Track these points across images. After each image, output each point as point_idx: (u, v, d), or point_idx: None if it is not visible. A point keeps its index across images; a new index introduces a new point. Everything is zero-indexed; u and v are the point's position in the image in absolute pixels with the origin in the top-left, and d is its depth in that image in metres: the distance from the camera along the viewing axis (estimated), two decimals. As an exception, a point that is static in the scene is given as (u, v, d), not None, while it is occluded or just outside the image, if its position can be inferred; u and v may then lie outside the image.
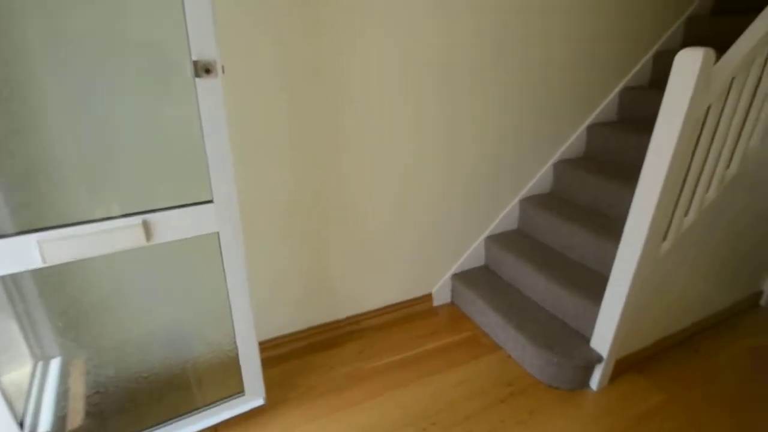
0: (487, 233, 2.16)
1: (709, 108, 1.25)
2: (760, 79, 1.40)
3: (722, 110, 1.32)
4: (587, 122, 2.18)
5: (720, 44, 2.16)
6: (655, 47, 2.21)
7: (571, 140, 2.16)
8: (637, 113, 2.15)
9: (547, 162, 2.16)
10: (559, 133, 2.12)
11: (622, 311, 1.49)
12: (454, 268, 2.14)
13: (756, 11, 2.11)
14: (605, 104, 2.18)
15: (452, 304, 2.19)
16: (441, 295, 2.16)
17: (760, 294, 2.21)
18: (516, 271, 1.99)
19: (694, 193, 1.45)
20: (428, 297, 2.13)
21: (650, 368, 1.75)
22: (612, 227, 1.82)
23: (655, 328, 1.75)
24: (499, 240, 2.12)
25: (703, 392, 1.64)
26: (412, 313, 2.10)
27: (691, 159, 1.32)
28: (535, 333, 1.70)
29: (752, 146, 1.52)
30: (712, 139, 1.35)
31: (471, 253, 2.15)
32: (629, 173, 1.97)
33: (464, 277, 2.11)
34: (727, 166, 1.51)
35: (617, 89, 2.19)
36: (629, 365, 1.74)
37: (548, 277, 1.79)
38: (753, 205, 1.71)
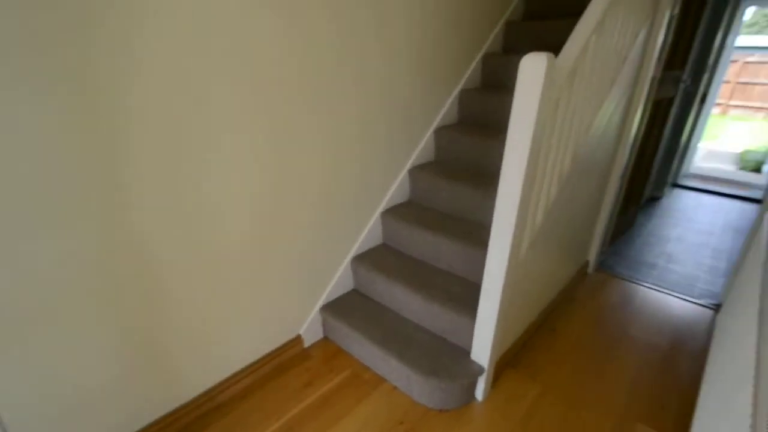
0: (352, 254, 1.97)
1: (557, 108, 1.27)
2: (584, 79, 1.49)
3: (563, 110, 1.36)
4: (433, 126, 2.16)
5: (536, 43, 2.44)
6: (482, 51, 2.31)
7: (421, 146, 2.12)
8: (474, 113, 2.22)
9: (402, 170, 2.07)
10: (409, 141, 2.04)
11: (497, 320, 1.46)
12: (322, 300, 1.90)
13: (560, 16, 2.43)
14: (447, 107, 2.19)
15: (326, 339, 1.95)
16: (312, 333, 1.90)
17: (587, 264, 2.54)
18: (387, 291, 1.85)
19: (546, 193, 1.49)
20: (298, 340, 1.84)
21: (523, 362, 1.81)
22: (473, 231, 1.82)
23: (520, 322, 1.81)
24: (365, 259, 1.95)
25: (571, 368, 1.76)
26: (282, 363, 1.78)
27: (542, 160, 1.34)
28: (418, 359, 1.58)
29: (580, 142, 1.64)
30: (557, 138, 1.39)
31: (338, 280, 1.93)
32: (477, 174, 2.01)
33: (334, 308, 1.88)
34: (564, 163, 1.60)
35: (455, 92, 2.22)
36: (504, 365, 1.76)
37: (422, 294, 1.69)
38: (579, 191, 1.90)
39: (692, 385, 1.68)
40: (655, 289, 2.36)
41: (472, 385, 1.59)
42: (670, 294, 2.32)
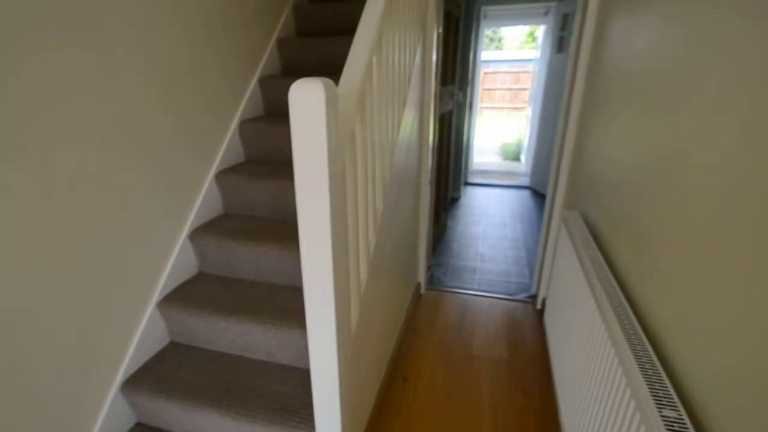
0: (156, 297, 1.36)
1: (353, 138, 0.97)
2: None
3: (361, 138, 1.07)
4: (212, 171, 1.67)
5: (313, 61, 2.19)
6: (257, 73, 1.94)
7: (199, 202, 1.61)
8: (262, 148, 1.83)
9: (179, 239, 1.52)
10: (178, 199, 1.51)
11: (341, 420, 1.10)
12: (120, 377, 1.22)
13: (330, 33, 2.27)
14: (226, 145, 1.74)
15: (139, 425, 1.25)
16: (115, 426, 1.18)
17: (419, 285, 2.45)
18: (188, 421, 1.28)
19: (364, 238, 1.20)
20: None
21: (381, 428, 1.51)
22: (288, 302, 1.41)
23: (368, 391, 1.51)
24: (178, 299, 1.39)
25: (433, 423, 1.54)
26: None
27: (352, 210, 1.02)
28: None
29: (388, 165, 1.42)
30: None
31: (141, 338, 1.27)
32: (281, 225, 1.62)
33: (142, 381, 1.22)
34: (375, 203, 1.35)
35: (234, 123, 1.79)
36: (365, 453, 1.42)
37: (234, 414, 1.20)
38: (398, 214, 1.71)
39: (547, 404, 1.67)
40: (481, 295, 2.42)
41: None
42: (494, 297, 2.40)
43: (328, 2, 2.21)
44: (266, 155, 1.84)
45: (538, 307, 2.25)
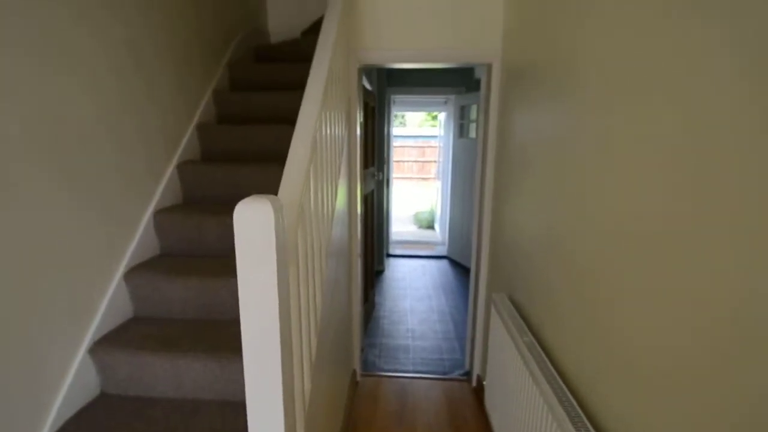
0: (86, 345, 1.10)
1: (296, 247, 0.92)
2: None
3: (304, 242, 1.04)
4: (150, 210, 1.51)
5: (244, 114, 2.19)
6: (195, 121, 1.97)
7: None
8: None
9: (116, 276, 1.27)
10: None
11: None
12: None
13: (263, 89, 2.30)
14: (165, 184, 1.62)
15: None
16: None
17: (355, 372, 2.32)
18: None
19: (307, 347, 1.11)
20: None
21: None
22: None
23: None
24: (112, 343, 1.10)
25: None
26: None
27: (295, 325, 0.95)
28: None
29: (325, 254, 1.38)
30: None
31: (69, 394, 0.93)
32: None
33: None
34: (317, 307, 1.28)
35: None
36: None
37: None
38: (334, 303, 1.65)
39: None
40: (417, 377, 2.37)
41: None
42: (430, 378, 2.36)
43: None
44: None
45: (473, 384, 2.26)
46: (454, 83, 4.33)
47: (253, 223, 0.70)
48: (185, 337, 1.38)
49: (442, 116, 5.99)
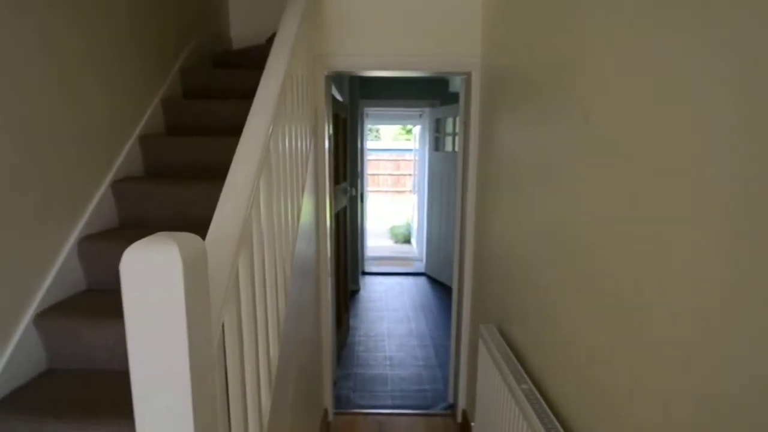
0: None
1: (237, 285, 0.70)
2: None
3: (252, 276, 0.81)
4: (73, 238, 1.23)
5: (198, 124, 1.91)
6: (137, 132, 1.72)
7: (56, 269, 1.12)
8: (140, 214, 1.47)
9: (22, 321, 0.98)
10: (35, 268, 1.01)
11: None
12: None
13: (220, 97, 2.03)
14: (94, 206, 1.35)
15: None
16: None
17: (326, 412, 2.07)
18: None
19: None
20: None
21: None
22: None
23: None
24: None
25: None
26: None
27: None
28: None
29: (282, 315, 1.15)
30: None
31: None
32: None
33: None
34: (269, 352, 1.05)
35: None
36: None
37: None
38: (298, 334, 1.41)
39: None
40: (397, 414, 2.14)
41: None
42: (411, 414, 2.14)
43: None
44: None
45: (458, 420, 2.05)
46: (429, 96, 4.22)
47: (149, 279, 0.48)
48: (107, 400, 1.11)
49: (416, 130, 5.88)
